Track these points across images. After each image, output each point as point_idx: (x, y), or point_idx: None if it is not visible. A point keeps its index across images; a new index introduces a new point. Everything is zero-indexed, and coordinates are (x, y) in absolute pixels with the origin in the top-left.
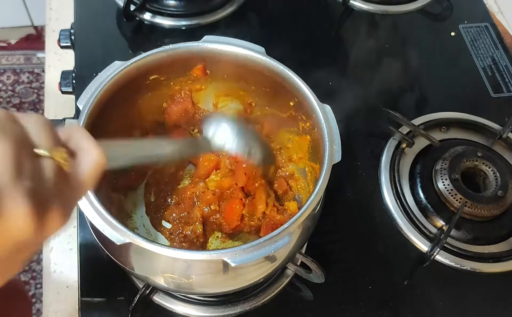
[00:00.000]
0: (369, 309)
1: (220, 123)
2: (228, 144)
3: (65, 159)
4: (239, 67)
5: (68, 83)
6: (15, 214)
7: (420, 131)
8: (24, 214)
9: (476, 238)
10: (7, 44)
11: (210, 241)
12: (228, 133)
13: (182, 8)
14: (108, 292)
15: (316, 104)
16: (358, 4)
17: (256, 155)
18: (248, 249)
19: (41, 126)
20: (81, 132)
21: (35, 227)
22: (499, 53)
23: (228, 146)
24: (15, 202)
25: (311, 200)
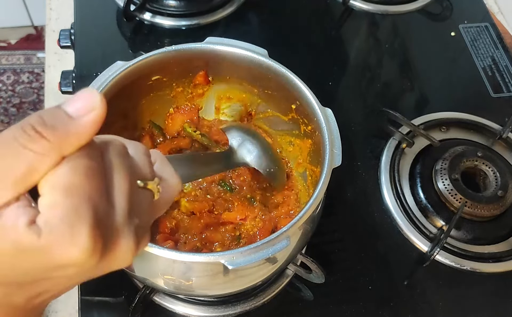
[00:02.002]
0: (369, 309)
1: (245, 136)
2: (250, 158)
3: (158, 189)
4: (242, 69)
5: (68, 83)
6: (124, 250)
7: (420, 131)
8: (131, 249)
9: (476, 238)
10: (7, 44)
11: None
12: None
13: (182, 8)
14: (108, 292)
15: (317, 108)
16: (358, 4)
17: (273, 174)
18: (246, 252)
19: (142, 156)
20: (162, 158)
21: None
22: (499, 53)
23: (251, 160)
24: (127, 239)
25: (310, 203)
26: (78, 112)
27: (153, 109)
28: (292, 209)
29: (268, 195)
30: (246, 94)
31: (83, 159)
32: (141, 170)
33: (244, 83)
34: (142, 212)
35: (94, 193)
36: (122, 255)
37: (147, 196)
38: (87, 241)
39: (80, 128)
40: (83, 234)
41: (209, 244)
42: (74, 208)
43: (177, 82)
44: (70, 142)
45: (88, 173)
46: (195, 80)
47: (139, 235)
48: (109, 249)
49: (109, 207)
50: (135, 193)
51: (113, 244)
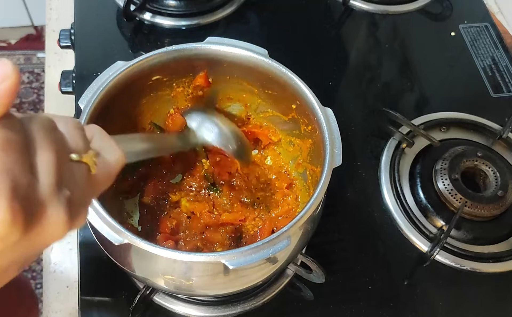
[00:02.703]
0: (369, 309)
1: (204, 117)
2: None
3: (94, 162)
4: (242, 69)
5: (68, 83)
6: (54, 222)
7: (420, 131)
8: (63, 222)
9: (476, 238)
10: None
11: None
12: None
13: (182, 8)
14: (108, 292)
15: (318, 108)
16: (358, 4)
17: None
18: (246, 252)
19: (75, 130)
20: (101, 132)
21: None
22: (499, 53)
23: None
24: (55, 211)
25: (311, 202)
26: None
27: (153, 109)
28: (293, 208)
29: (268, 195)
30: (246, 94)
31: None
32: (73, 143)
33: (244, 83)
34: (76, 186)
35: (13, 165)
36: (52, 228)
37: (81, 169)
38: (5, 213)
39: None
40: (1, 207)
41: (209, 244)
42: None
43: (177, 82)
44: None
45: (6, 146)
46: (195, 81)
47: (73, 208)
48: (35, 221)
49: (32, 179)
50: (66, 166)
51: (39, 215)
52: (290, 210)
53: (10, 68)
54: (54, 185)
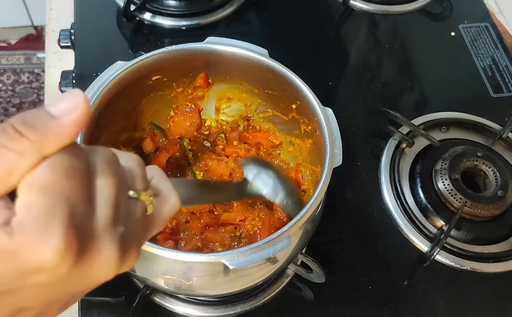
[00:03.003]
0: (369, 309)
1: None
2: (266, 190)
3: (151, 202)
4: (242, 68)
5: (68, 83)
6: (104, 257)
7: (420, 131)
8: (114, 258)
9: (476, 238)
10: (7, 44)
11: None
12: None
13: (182, 8)
14: (108, 292)
15: (318, 107)
16: (358, 4)
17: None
18: (246, 252)
19: (136, 167)
20: (161, 174)
21: (116, 271)
22: (499, 53)
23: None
24: (108, 246)
25: (311, 203)
26: (60, 111)
27: (153, 109)
28: None
29: None
30: (246, 94)
31: (64, 159)
32: (134, 181)
33: (244, 83)
34: (131, 223)
35: (73, 194)
36: (102, 264)
37: (138, 207)
38: (60, 240)
39: (61, 127)
40: (56, 233)
41: (209, 244)
42: (49, 207)
43: (177, 82)
44: (51, 142)
45: (68, 173)
46: (195, 82)
47: (126, 245)
48: (86, 254)
49: (89, 210)
50: (124, 203)
51: (92, 248)
52: None
53: (81, 100)
54: (110, 219)
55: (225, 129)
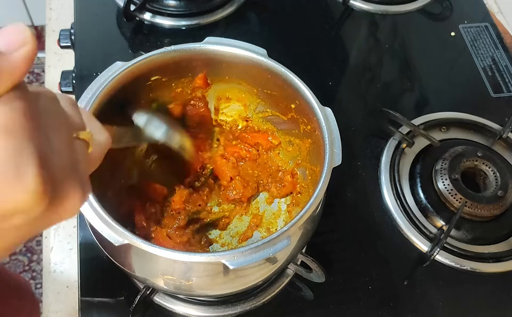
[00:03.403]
0: (369, 309)
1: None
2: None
3: (91, 140)
4: (241, 68)
5: (68, 83)
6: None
7: (420, 131)
8: (79, 197)
9: (476, 238)
10: None
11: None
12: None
13: (182, 8)
14: (108, 292)
15: (317, 107)
16: (358, 4)
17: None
18: (246, 252)
19: (72, 107)
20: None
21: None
22: (499, 53)
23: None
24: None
25: (311, 202)
26: (8, 47)
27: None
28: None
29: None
30: (245, 94)
31: (20, 100)
32: (73, 120)
33: (243, 83)
34: (80, 162)
35: (36, 134)
36: (70, 203)
37: (82, 146)
38: (35, 182)
39: (12, 64)
40: (30, 174)
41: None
42: (17, 148)
43: (176, 83)
44: (3, 79)
45: (27, 113)
46: (194, 83)
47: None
48: (58, 194)
49: (52, 151)
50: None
51: (61, 189)
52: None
53: (28, 34)
54: (70, 158)
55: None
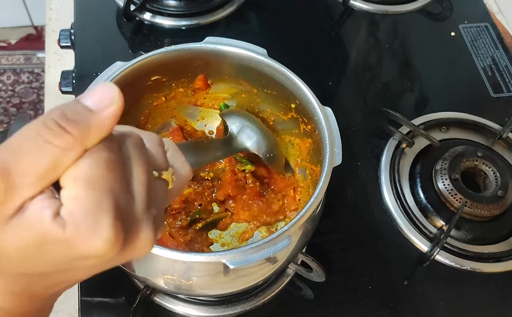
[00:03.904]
0: (369, 309)
1: (244, 122)
2: (250, 143)
3: (172, 180)
4: (241, 68)
5: (68, 83)
6: (143, 240)
7: (420, 131)
8: (151, 240)
9: (476, 238)
10: (7, 44)
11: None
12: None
13: (182, 8)
14: (108, 292)
15: (317, 107)
16: (358, 4)
17: (272, 158)
18: (247, 252)
19: (158, 147)
20: (174, 147)
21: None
22: (499, 53)
23: (251, 145)
24: (146, 230)
25: (311, 202)
26: (97, 105)
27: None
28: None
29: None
30: (245, 94)
31: (104, 152)
32: (156, 161)
33: (244, 82)
34: (158, 202)
35: (115, 185)
36: (141, 245)
37: (162, 185)
38: (110, 233)
39: (100, 122)
40: (106, 226)
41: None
42: (96, 201)
43: (176, 83)
44: (92, 136)
45: (109, 166)
46: (195, 84)
47: (157, 224)
48: (130, 239)
49: (129, 198)
50: (152, 184)
51: (134, 234)
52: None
53: (117, 93)
54: (146, 203)
55: None
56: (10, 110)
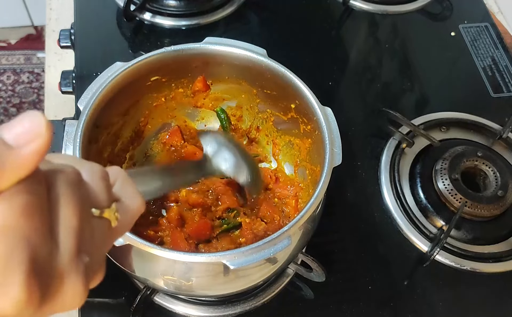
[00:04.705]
0: (369, 309)
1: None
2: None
3: (116, 218)
4: (241, 68)
5: (68, 83)
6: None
7: (420, 131)
8: (79, 293)
9: (476, 238)
10: (7, 44)
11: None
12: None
13: (182, 8)
14: (108, 292)
15: (317, 107)
16: (358, 4)
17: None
18: (247, 252)
19: (100, 181)
20: (124, 177)
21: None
22: (499, 53)
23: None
24: (73, 283)
25: (311, 202)
26: (18, 140)
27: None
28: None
29: None
30: (245, 94)
31: (21, 195)
32: (97, 197)
33: (243, 83)
34: (95, 245)
35: (33, 234)
36: (68, 299)
37: (102, 225)
38: (20, 291)
39: (19, 160)
40: (16, 283)
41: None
42: (7, 254)
43: (176, 83)
44: (7, 177)
45: (26, 211)
46: (194, 86)
47: (90, 274)
48: (50, 295)
49: (52, 247)
50: (87, 225)
51: (56, 289)
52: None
53: (43, 125)
54: (74, 252)
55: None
56: (10, 110)
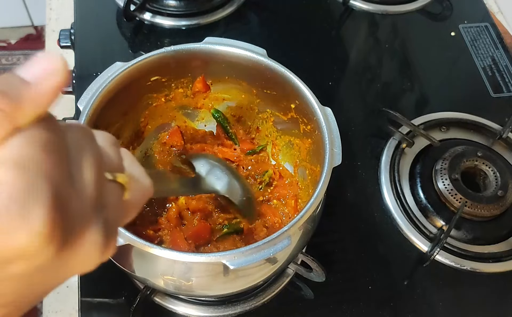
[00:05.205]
0: (369, 309)
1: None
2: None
3: (127, 184)
4: (241, 68)
5: (68, 83)
6: (89, 246)
7: (420, 131)
8: (99, 246)
9: (476, 238)
10: (7, 44)
11: None
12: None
13: (182, 8)
14: (108, 292)
15: (317, 107)
16: (358, 4)
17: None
18: (247, 252)
19: (112, 146)
20: (132, 158)
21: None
22: (499, 53)
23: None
24: (93, 233)
25: (311, 202)
26: (35, 76)
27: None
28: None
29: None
30: (245, 94)
31: (41, 131)
32: (110, 160)
33: (243, 83)
34: (110, 207)
35: (54, 170)
36: (87, 252)
37: (116, 190)
38: (42, 223)
39: (36, 94)
40: (38, 215)
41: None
42: (28, 186)
43: (176, 83)
44: (25, 110)
45: (47, 147)
46: (194, 87)
47: (108, 232)
48: (71, 240)
49: (72, 191)
50: (103, 184)
51: (77, 234)
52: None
53: (60, 63)
54: (94, 201)
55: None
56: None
